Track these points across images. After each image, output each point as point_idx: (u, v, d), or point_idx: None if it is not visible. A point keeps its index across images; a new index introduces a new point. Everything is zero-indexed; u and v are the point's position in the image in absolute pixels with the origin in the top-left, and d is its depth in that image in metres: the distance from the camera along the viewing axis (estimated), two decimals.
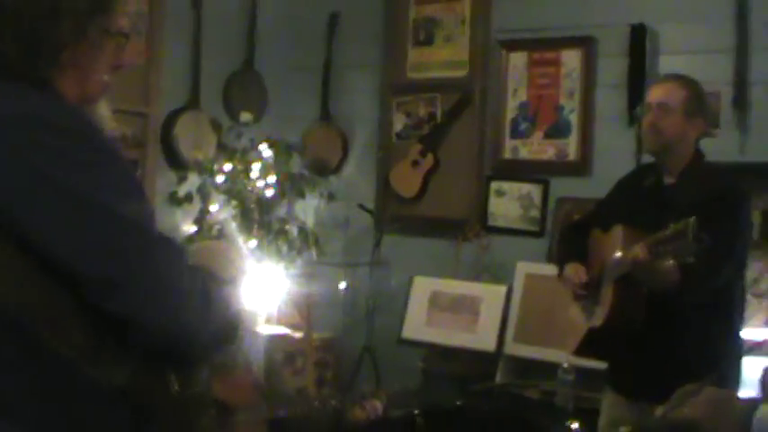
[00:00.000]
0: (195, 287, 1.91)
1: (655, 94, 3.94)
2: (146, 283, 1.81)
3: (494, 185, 6.06)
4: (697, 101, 3.91)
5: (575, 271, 4.03)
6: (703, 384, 2.55)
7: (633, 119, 5.18)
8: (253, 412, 3.93)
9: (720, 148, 5.16)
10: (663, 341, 3.76)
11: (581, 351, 4.09)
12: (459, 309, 5.81)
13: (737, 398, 2.15)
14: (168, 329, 1.85)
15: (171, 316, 1.84)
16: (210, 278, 2.00)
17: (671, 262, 3.45)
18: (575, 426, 3.19)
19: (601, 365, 4.17)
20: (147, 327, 1.82)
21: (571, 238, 4.30)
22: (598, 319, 3.88)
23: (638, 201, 4.01)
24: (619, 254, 3.76)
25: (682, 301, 3.66)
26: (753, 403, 2.28)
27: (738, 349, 3.95)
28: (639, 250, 3.53)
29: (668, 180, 3.94)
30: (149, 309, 1.81)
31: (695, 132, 3.90)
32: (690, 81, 3.96)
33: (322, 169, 6.54)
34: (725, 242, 3.63)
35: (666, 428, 3.27)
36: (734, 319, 3.89)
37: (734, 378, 3.84)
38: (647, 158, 4.23)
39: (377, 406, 4.03)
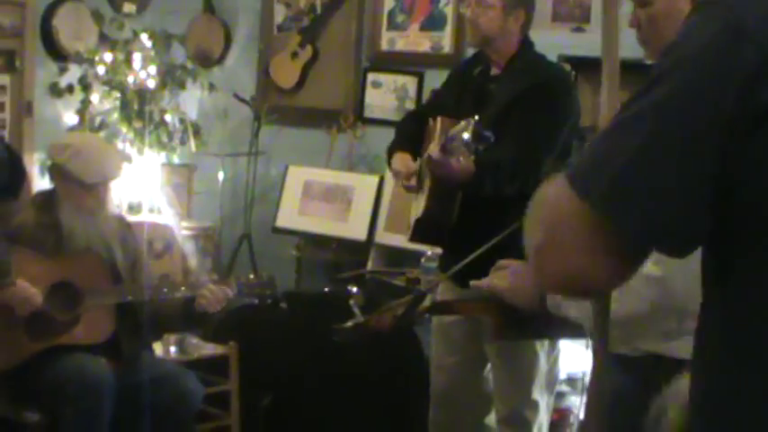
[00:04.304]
0: None
1: None
2: None
3: (370, 77, 6.10)
4: None
5: (401, 162, 3.99)
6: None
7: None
8: (103, 296, 4.04)
9: (591, 44, 5.22)
10: (482, 228, 3.79)
11: (413, 239, 4.13)
12: (331, 198, 5.89)
13: None
14: None
15: None
16: None
17: (461, 159, 3.43)
18: (355, 289, 3.26)
19: None
20: None
21: (404, 127, 4.23)
22: (420, 210, 3.94)
23: (465, 90, 3.98)
24: (432, 146, 3.78)
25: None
26: None
27: None
28: (435, 146, 3.56)
29: (495, 71, 3.93)
30: None
31: (517, 24, 3.85)
32: None
33: (205, 60, 6.57)
34: (533, 137, 3.68)
35: (467, 299, 3.32)
36: None
37: None
38: None
39: (226, 292, 4.13)
